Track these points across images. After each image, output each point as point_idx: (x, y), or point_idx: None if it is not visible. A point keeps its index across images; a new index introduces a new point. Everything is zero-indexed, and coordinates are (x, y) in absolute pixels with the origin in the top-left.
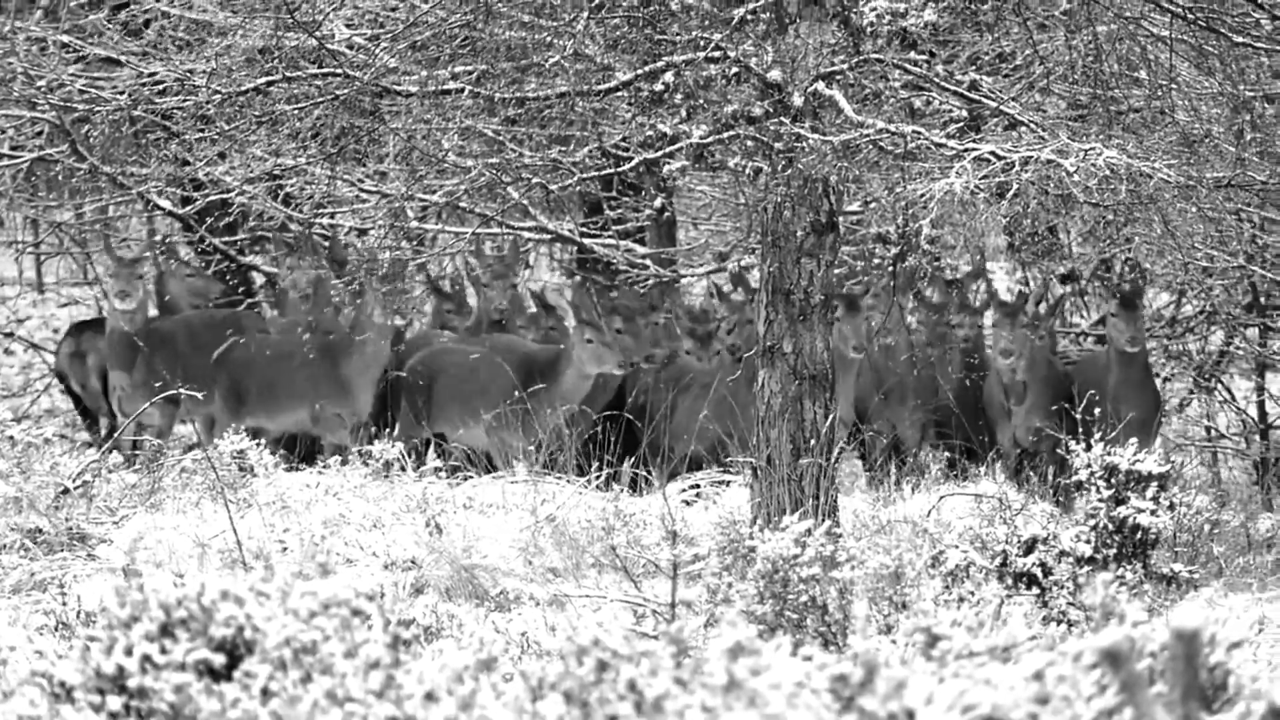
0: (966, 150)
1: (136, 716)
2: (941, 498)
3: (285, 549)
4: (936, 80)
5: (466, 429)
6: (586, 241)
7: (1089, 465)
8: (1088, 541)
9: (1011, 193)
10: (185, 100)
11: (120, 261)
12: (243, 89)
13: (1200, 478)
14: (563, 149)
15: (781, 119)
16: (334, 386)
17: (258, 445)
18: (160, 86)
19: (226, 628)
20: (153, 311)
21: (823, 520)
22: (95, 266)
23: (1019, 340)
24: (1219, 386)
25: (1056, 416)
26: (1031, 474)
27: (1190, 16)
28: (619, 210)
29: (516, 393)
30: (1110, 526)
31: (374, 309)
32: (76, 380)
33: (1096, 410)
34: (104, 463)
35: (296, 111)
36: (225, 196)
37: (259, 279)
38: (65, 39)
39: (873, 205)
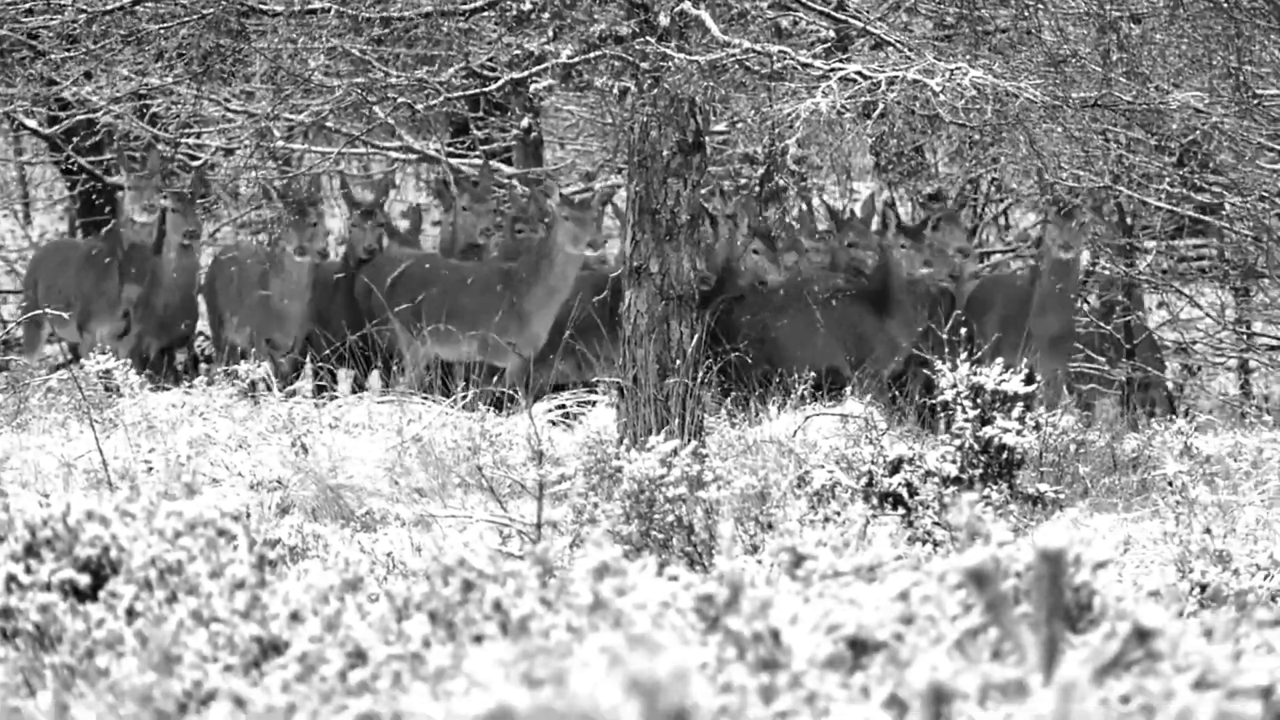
0: (833, 70)
1: (1, 636)
2: (807, 418)
3: (151, 469)
4: (804, 0)
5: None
6: (453, 161)
7: (955, 385)
8: (953, 461)
9: (877, 113)
10: (51, 19)
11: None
12: (108, 8)
13: (1066, 399)
14: (429, 69)
15: (648, 38)
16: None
17: (124, 365)
18: (27, 5)
19: (91, 548)
20: None
21: (689, 441)
22: None
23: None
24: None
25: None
26: (898, 395)
27: None
28: (486, 130)
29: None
30: (976, 447)
31: (564, 239)
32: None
33: (963, 330)
34: None
35: (162, 30)
36: (91, 116)
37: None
38: None
39: (739, 125)
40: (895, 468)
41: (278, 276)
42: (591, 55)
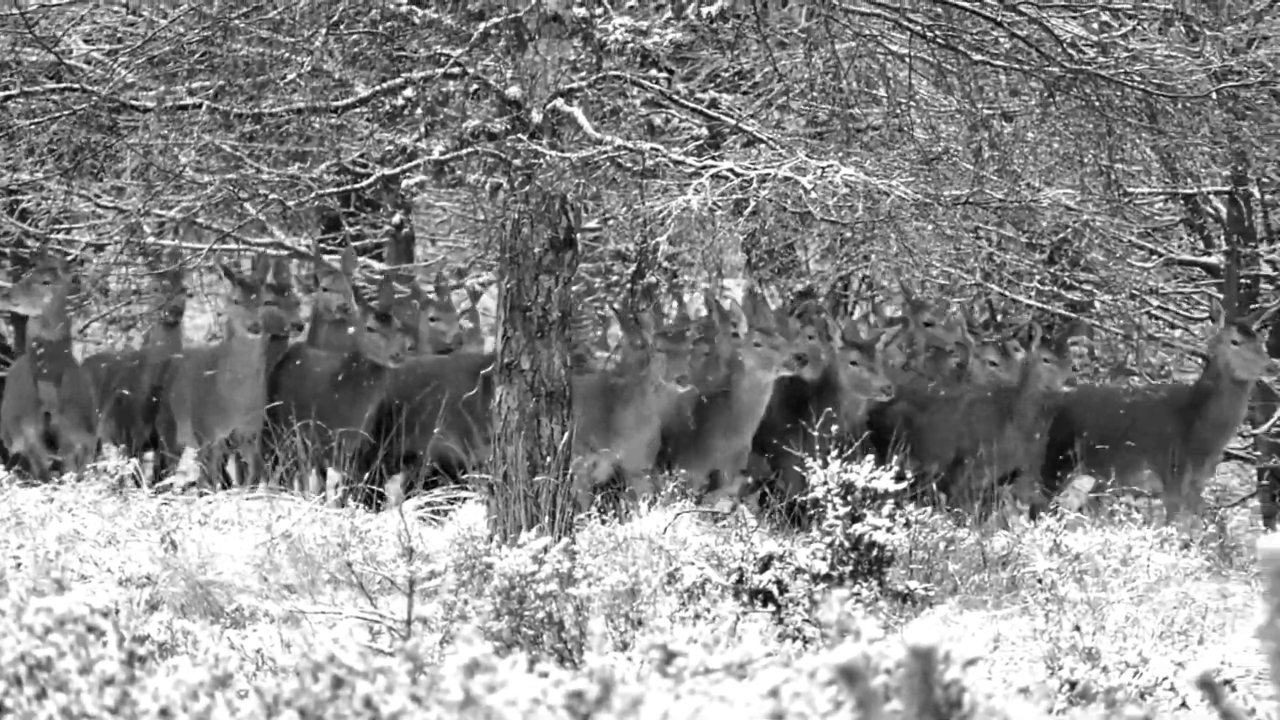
0: (705, 167)
1: None
2: (677, 515)
3: (19, 565)
4: (676, 98)
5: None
6: (325, 258)
7: (825, 482)
8: (824, 558)
9: (749, 210)
10: None
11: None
12: None
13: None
14: (301, 165)
15: (520, 135)
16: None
17: None
18: None
19: None
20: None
21: (559, 537)
22: None
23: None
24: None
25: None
26: (769, 492)
27: (929, 35)
28: (357, 226)
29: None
30: (846, 544)
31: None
32: None
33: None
34: None
35: (33, 126)
36: None
37: None
38: None
39: (611, 222)
40: (765, 564)
41: (226, 358)
42: (464, 151)
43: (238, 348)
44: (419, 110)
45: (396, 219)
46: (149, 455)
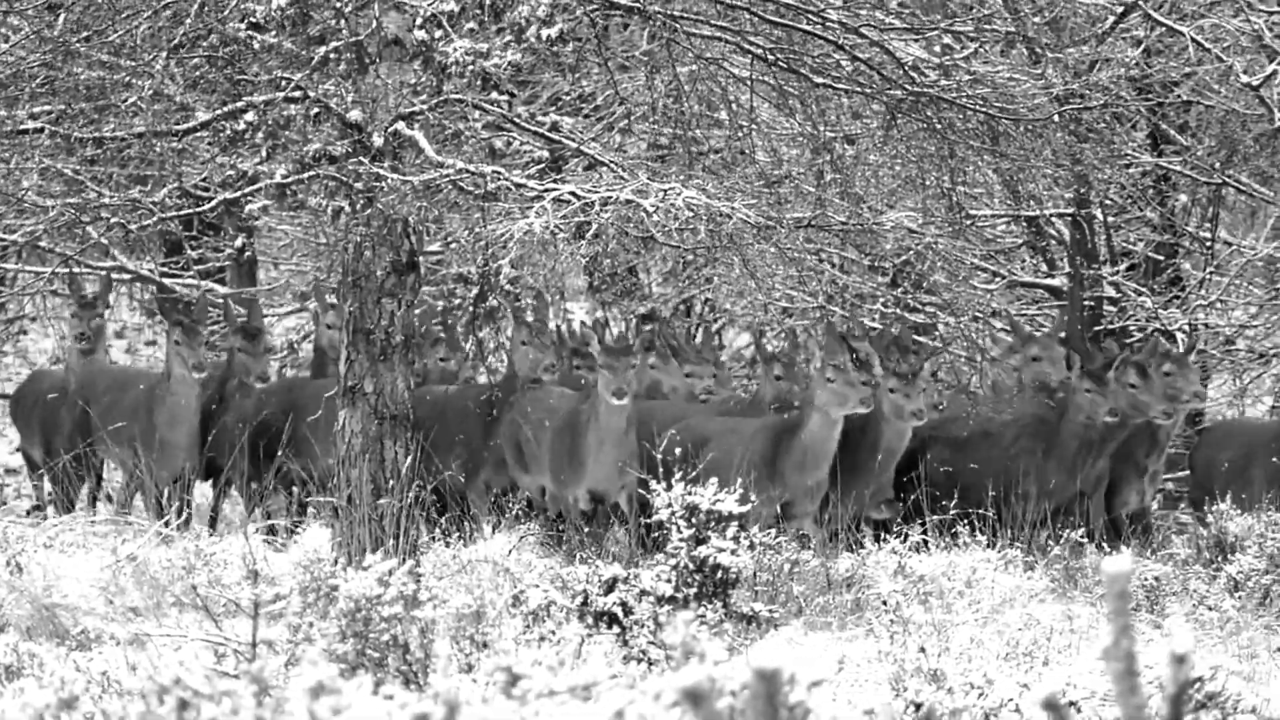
0: (547, 190)
1: None
2: (521, 537)
3: None
4: (517, 121)
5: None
6: (166, 281)
7: (670, 505)
8: (668, 580)
9: (591, 232)
10: None
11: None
12: None
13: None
14: (142, 188)
15: (362, 159)
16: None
17: None
18: None
19: None
20: None
21: (404, 559)
22: None
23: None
24: None
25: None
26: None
27: (771, 58)
28: (200, 250)
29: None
30: (691, 566)
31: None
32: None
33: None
34: None
35: None
36: None
37: None
38: None
39: (453, 245)
40: (610, 587)
41: (166, 398)
42: (305, 175)
43: (177, 387)
44: (260, 134)
45: (239, 242)
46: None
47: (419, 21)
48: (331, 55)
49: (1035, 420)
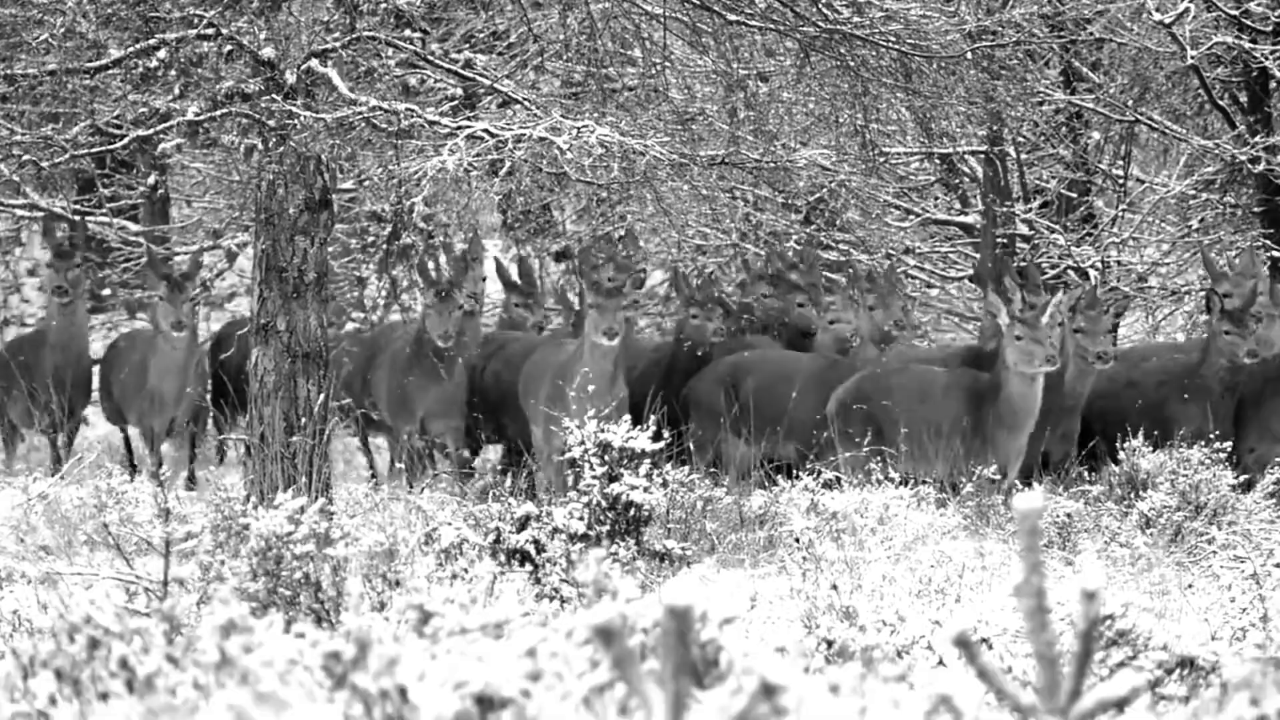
0: (460, 128)
1: None
2: (434, 474)
3: None
4: (431, 58)
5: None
6: (79, 219)
7: (583, 442)
8: (581, 518)
9: (505, 170)
10: None
11: None
12: None
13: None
14: (55, 126)
15: (275, 96)
16: None
17: None
18: None
19: None
20: None
21: (317, 498)
22: None
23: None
24: None
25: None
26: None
27: None
28: (113, 188)
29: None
30: (604, 504)
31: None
32: None
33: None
34: None
35: None
36: None
37: None
38: None
39: (366, 183)
40: (523, 525)
41: (154, 355)
42: (218, 113)
43: (163, 345)
44: (173, 72)
45: (151, 180)
46: None
47: None
48: None
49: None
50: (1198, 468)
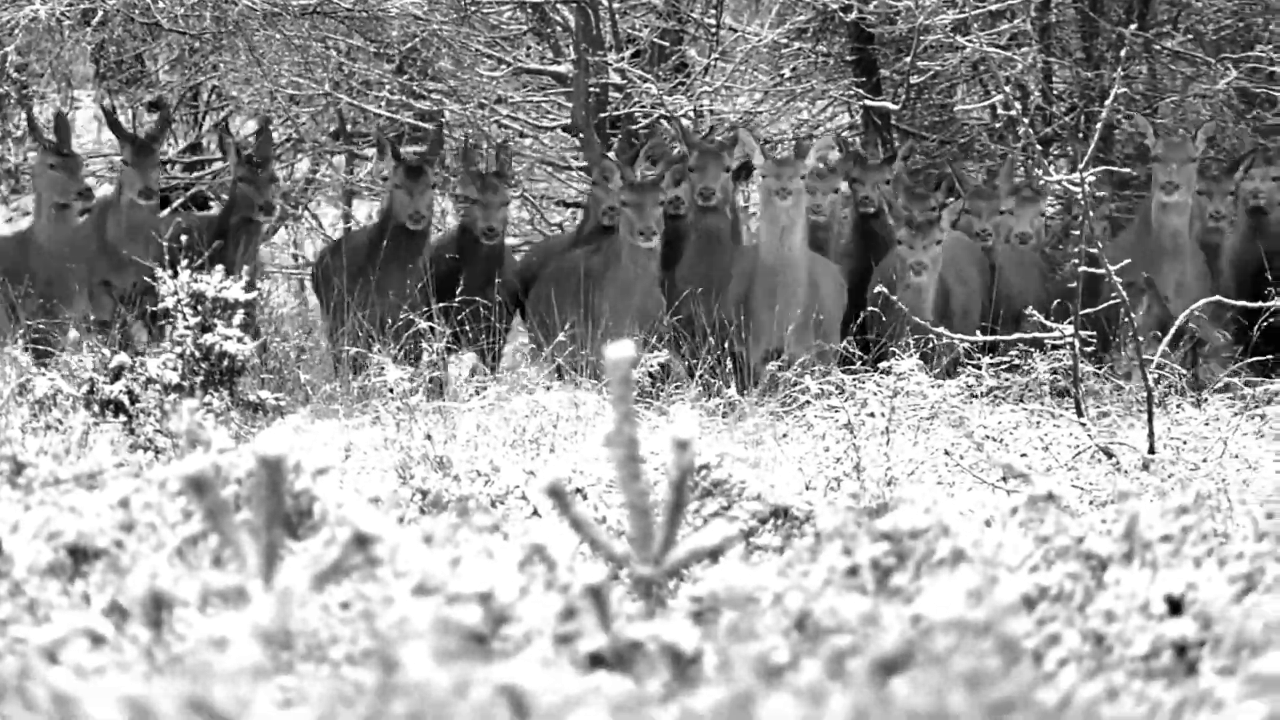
0: None
1: None
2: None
3: None
4: None
5: None
6: None
7: (175, 293)
8: (175, 369)
9: (97, 19)
10: None
11: None
12: None
13: (288, 304)
14: None
15: None
16: None
17: None
18: None
19: None
20: None
21: None
22: None
23: None
24: (306, 214)
25: None
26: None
27: None
28: None
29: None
30: (197, 354)
31: None
32: None
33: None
34: None
35: None
36: None
37: None
38: None
39: None
40: (117, 375)
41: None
42: None
43: (128, 209)
44: None
45: None
46: None
47: None
48: None
49: None
50: None
